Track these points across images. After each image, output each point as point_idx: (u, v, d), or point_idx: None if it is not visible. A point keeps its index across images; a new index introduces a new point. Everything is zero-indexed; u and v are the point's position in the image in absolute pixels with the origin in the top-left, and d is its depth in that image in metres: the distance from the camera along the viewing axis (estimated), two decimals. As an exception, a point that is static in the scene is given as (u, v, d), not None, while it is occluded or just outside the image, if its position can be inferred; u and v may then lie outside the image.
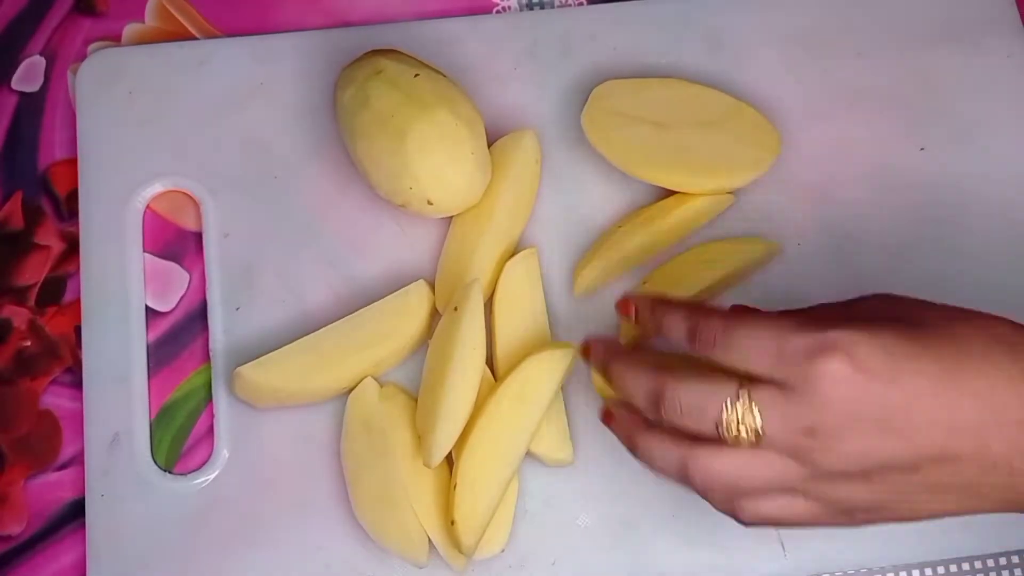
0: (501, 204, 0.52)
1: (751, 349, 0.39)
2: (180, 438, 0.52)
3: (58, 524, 0.52)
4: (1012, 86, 0.56)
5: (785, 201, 0.54)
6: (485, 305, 0.51)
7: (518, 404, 0.48)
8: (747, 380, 0.39)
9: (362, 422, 0.50)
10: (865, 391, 0.37)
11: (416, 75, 0.50)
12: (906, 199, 0.54)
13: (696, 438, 0.40)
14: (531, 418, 0.49)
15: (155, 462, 0.51)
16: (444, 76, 0.51)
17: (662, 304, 0.43)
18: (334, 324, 0.51)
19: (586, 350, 0.47)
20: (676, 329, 0.41)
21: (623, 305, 0.45)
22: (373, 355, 0.51)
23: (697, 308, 0.42)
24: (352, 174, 0.54)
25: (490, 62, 0.56)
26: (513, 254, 0.53)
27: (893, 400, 0.37)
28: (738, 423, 0.38)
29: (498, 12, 0.59)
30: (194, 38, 0.58)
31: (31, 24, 0.59)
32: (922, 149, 0.55)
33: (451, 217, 0.53)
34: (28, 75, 0.58)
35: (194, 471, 0.51)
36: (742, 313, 0.40)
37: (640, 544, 0.50)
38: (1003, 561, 0.52)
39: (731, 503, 0.41)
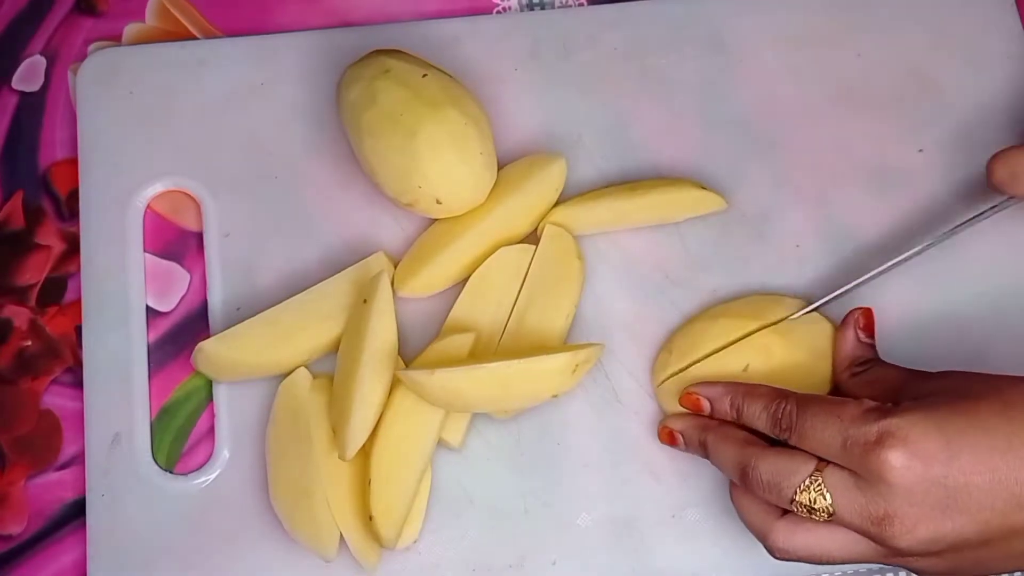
0: (500, 212, 0.52)
1: (818, 439, 0.42)
2: (181, 438, 0.52)
3: (59, 524, 0.52)
4: (1012, 86, 0.56)
5: (785, 201, 0.54)
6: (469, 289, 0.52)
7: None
8: (824, 461, 0.42)
9: (290, 411, 0.50)
10: (925, 476, 0.40)
11: (424, 75, 0.50)
12: (906, 199, 0.55)
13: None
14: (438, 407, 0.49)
15: (156, 462, 0.52)
16: (449, 76, 0.51)
17: (740, 390, 0.47)
18: (294, 297, 0.51)
19: (668, 434, 0.50)
20: (758, 418, 0.45)
21: (691, 401, 0.49)
22: (333, 327, 0.51)
23: (774, 393, 0.45)
24: (353, 173, 0.54)
25: (490, 63, 0.56)
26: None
27: (954, 481, 0.40)
28: (810, 505, 0.42)
29: (498, 12, 0.59)
30: (194, 38, 0.58)
31: (32, 24, 0.59)
32: (920, 150, 0.55)
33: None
34: (29, 75, 0.58)
35: (195, 471, 0.51)
36: (811, 399, 0.43)
37: (640, 544, 0.50)
38: (1002, 561, 0.52)
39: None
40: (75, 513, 0.52)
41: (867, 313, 0.50)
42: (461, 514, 0.50)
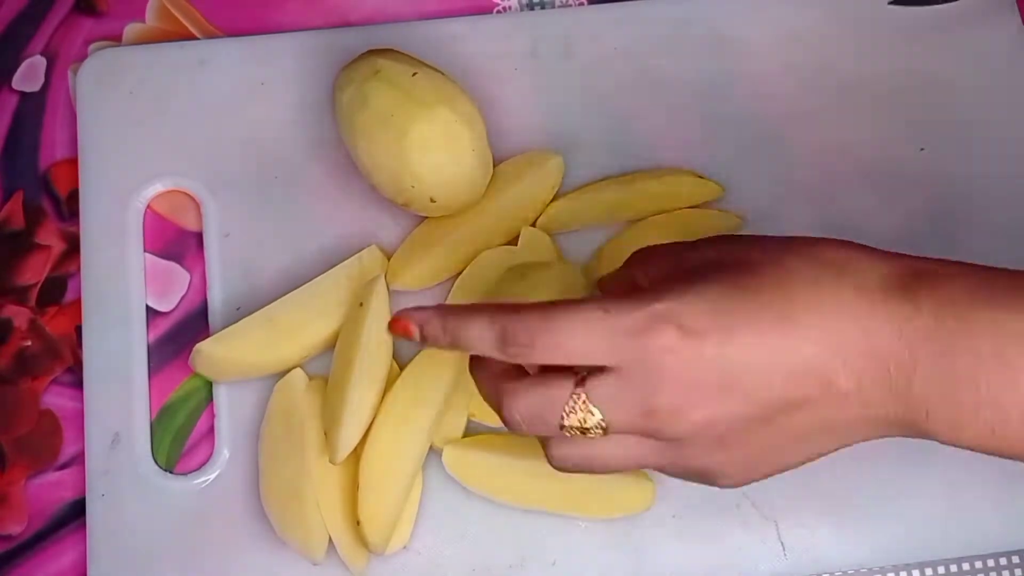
0: (495, 207, 0.52)
1: (579, 340, 0.36)
2: (180, 438, 0.52)
3: (59, 524, 0.52)
4: (1012, 86, 0.56)
5: (785, 201, 0.54)
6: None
7: (415, 399, 0.49)
8: (581, 376, 0.37)
9: (284, 412, 0.50)
10: (699, 357, 0.36)
11: (414, 74, 0.50)
12: (906, 199, 0.54)
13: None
14: (429, 412, 0.49)
15: (155, 462, 0.52)
16: (442, 74, 0.51)
17: (455, 312, 0.39)
18: (290, 294, 0.51)
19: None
20: (480, 339, 0.38)
21: (397, 324, 0.40)
22: (329, 323, 0.51)
23: (501, 308, 0.38)
24: (352, 173, 0.54)
25: (490, 62, 0.56)
26: None
27: (729, 359, 0.36)
28: (581, 426, 0.37)
29: (499, 12, 0.59)
30: (195, 38, 0.58)
31: (32, 24, 0.59)
32: (922, 149, 0.55)
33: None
34: (29, 75, 0.58)
35: (194, 471, 0.51)
36: (559, 303, 0.37)
37: (640, 544, 0.50)
38: (1003, 561, 0.52)
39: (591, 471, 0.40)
40: (75, 513, 0.52)
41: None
42: (460, 514, 0.50)
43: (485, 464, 0.50)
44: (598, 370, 0.37)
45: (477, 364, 0.41)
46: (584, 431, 0.37)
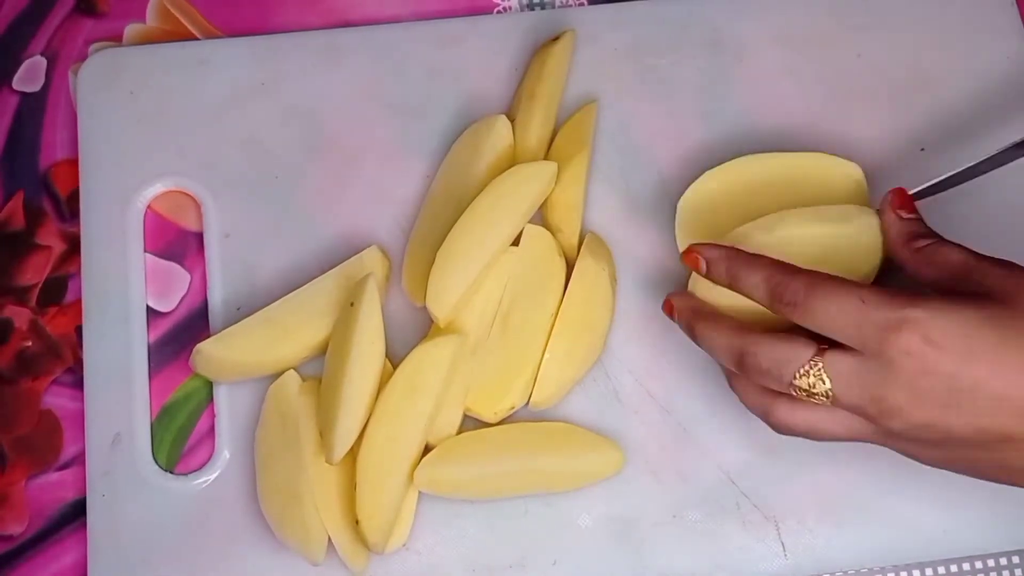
0: (495, 206, 0.52)
1: (832, 317, 0.40)
2: (181, 438, 0.52)
3: (59, 524, 0.52)
4: (1012, 86, 0.56)
5: (785, 201, 0.55)
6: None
7: (409, 397, 0.49)
8: (823, 345, 0.41)
9: (279, 414, 0.50)
10: (935, 368, 0.38)
11: None
12: (906, 199, 0.54)
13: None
14: (423, 409, 0.49)
15: (156, 462, 0.52)
16: None
17: (740, 258, 0.44)
18: (291, 295, 0.51)
19: (669, 306, 0.48)
20: (755, 287, 0.43)
21: (690, 256, 0.46)
22: (329, 324, 0.51)
23: (779, 266, 0.43)
24: (351, 174, 0.54)
25: (490, 62, 0.56)
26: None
27: (963, 379, 0.38)
28: (809, 389, 0.41)
29: (499, 12, 0.59)
30: (195, 38, 0.58)
31: (32, 24, 0.59)
32: (922, 149, 0.55)
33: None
34: (29, 75, 0.58)
35: (195, 471, 0.51)
36: (825, 278, 0.41)
37: (640, 544, 0.50)
38: (1003, 561, 0.52)
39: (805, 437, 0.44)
40: (75, 513, 0.52)
41: (898, 192, 0.47)
42: (461, 514, 0.50)
43: (453, 473, 0.49)
44: (839, 346, 0.41)
45: (721, 320, 0.45)
46: (811, 395, 0.41)
